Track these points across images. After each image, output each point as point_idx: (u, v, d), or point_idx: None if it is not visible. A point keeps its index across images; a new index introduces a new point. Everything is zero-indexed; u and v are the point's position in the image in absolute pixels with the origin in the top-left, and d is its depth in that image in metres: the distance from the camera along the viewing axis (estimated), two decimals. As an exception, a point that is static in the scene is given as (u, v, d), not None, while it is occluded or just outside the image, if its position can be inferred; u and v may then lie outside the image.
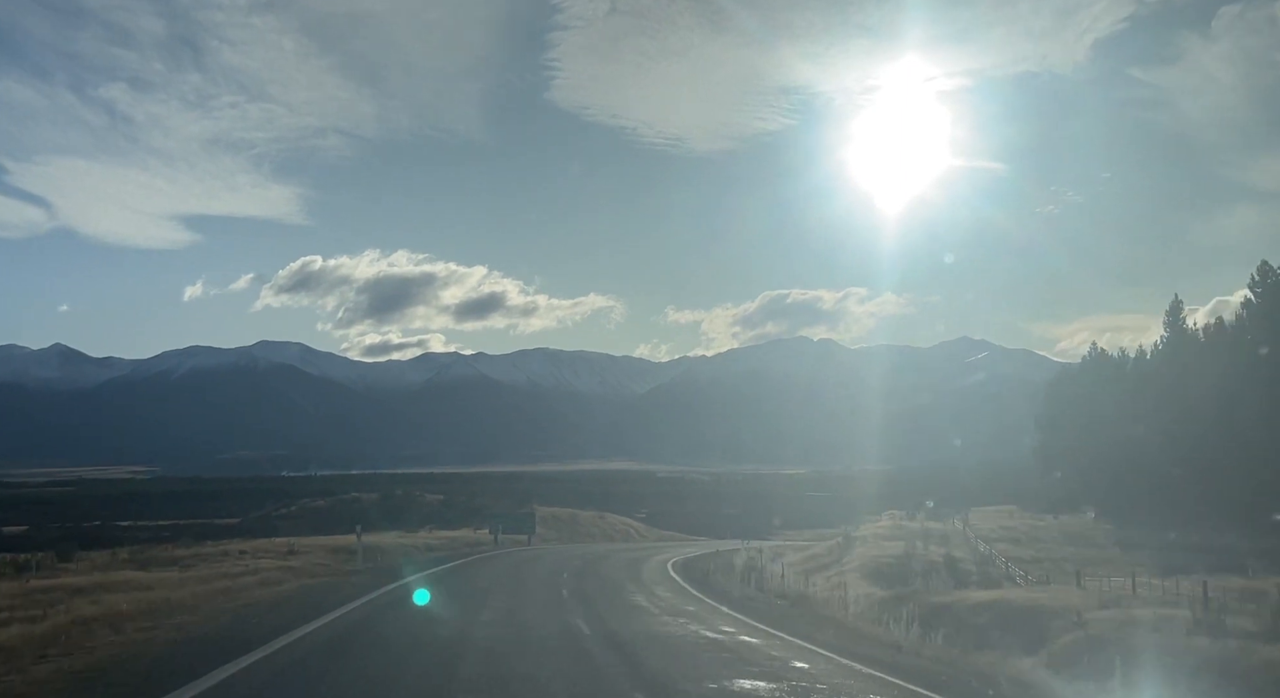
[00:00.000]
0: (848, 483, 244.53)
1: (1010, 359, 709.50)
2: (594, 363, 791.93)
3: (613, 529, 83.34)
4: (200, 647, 13.83)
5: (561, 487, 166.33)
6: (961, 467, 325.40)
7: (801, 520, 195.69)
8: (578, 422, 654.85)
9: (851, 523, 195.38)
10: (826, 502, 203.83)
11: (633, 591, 27.46)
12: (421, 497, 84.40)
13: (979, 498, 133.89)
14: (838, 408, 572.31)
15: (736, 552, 57.90)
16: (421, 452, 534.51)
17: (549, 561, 39.52)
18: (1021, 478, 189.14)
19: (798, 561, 45.36)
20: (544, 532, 65.17)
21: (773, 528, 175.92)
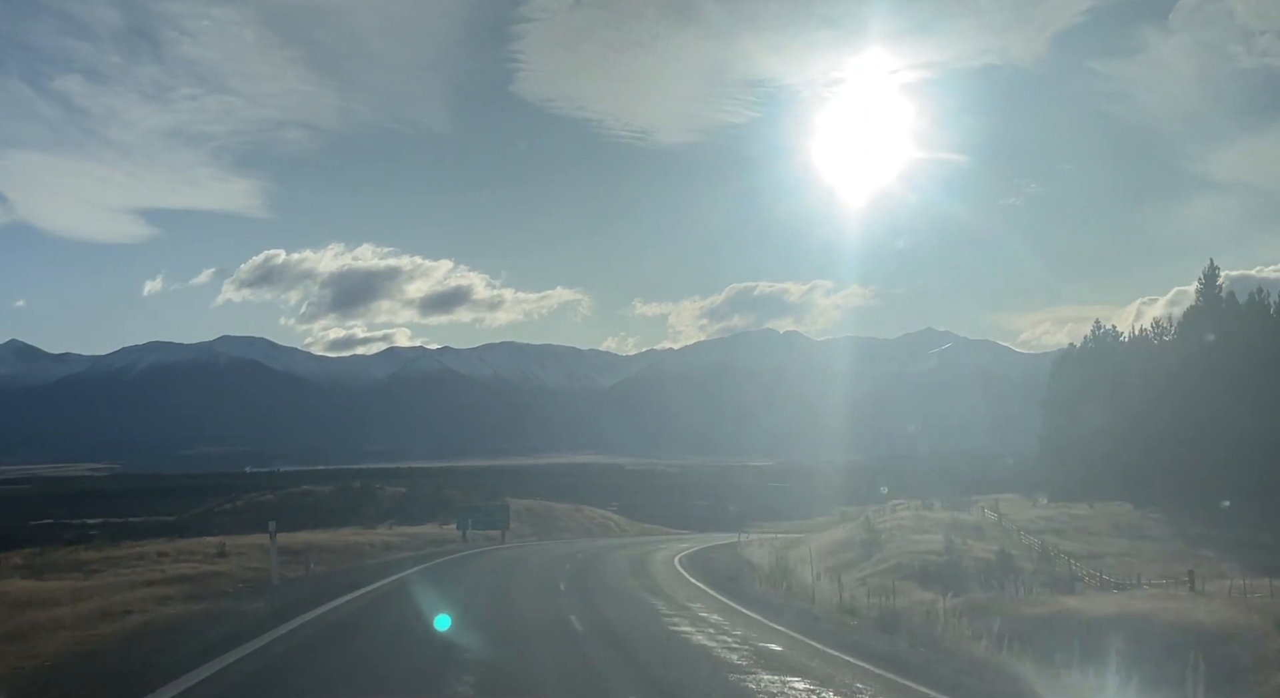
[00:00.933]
0: (819, 474, 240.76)
1: (973, 350, 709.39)
2: (561, 356, 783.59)
3: (591, 523, 76.45)
4: None
5: (530, 480, 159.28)
6: (936, 455, 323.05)
7: (775, 512, 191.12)
8: (545, 416, 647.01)
9: (826, 513, 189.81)
10: (795, 493, 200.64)
11: (665, 611, 20.37)
12: (381, 489, 76.02)
13: (973, 487, 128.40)
14: (803, 400, 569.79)
15: (738, 546, 51.27)
16: (388, 447, 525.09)
17: (534, 563, 32.47)
18: (1019, 466, 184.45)
19: (815, 557, 38.69)
20: (518, 527, 58.29)
21: (736, 518, 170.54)
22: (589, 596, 22.58)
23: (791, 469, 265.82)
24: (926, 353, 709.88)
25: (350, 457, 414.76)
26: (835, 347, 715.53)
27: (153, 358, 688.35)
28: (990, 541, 38.95)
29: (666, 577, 28.41)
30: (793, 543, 55.84)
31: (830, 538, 50.69)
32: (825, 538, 52.74)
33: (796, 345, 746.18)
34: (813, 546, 48.61)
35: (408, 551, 41.71)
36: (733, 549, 47.59)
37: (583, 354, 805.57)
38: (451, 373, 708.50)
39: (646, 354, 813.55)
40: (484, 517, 51.47)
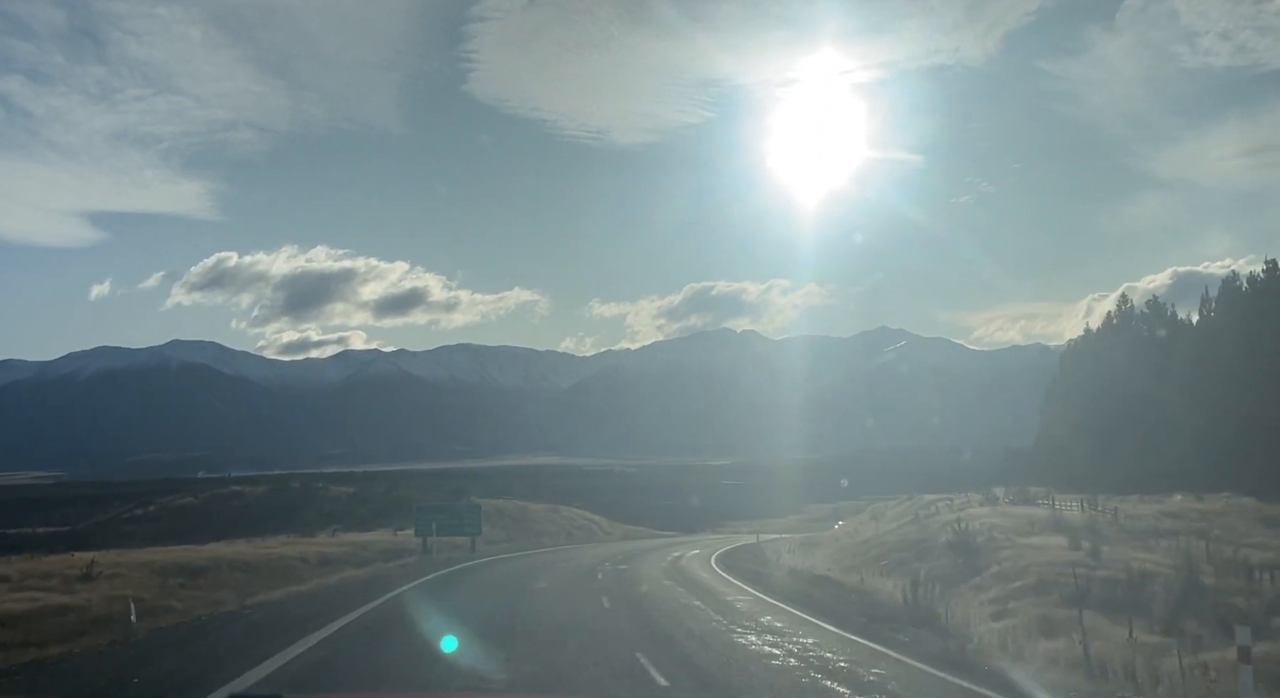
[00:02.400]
0: (779, 472, 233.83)
1: (928, 348, 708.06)
2: (518, 358, 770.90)
3: (571, 526, 67.10)
4: None
5: (490, 483, 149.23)
6: (895, 450, 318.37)
7: (742, 510, 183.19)
8: (502, 417, 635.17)
9: (798, 511, 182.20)
10: (758, 491, 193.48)
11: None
12: (325, 490, 64.26)
13: (947, 483, 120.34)
14: (761, 398, 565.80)
15: (767, 550, 42.39)
16: (343, 450, 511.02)
17: (537, 602, 21.81)
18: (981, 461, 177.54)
19: (886, 566, 29.77)
20: (490, 531, 48.80)
21: (708, 517, 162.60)
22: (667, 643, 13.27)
23: (751, 467, 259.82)
24: (882, 351, 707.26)
25: (306, 461, 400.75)
26: (792, 345, 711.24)
27: (100, 363, 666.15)
28: (1135, 546, 29.09)
29: (771, 619, 19.03)
30: (813, 544, 47.01)
31: (865, 538, 41.75)
32: (857, 538, 43.74)
33: (753, 344, 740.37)
34: (844, 546, 39.64)
35: (351, 566, 32.00)
36: (771, 556, 38.66)
37: (540, 355, 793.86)
38: (407, 376, 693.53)
39: (604, 355, 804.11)
40: (449, 520, 41.28)
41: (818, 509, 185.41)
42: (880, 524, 47.07)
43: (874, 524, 48.21)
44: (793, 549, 41.70)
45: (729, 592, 24.21)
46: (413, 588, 24.43)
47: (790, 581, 26.76)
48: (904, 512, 50.07)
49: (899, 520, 45.11)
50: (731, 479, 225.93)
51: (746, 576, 28.97)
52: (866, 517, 60.59)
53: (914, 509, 48.45)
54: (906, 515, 46.12)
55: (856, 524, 59.45)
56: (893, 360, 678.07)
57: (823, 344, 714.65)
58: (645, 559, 38.22)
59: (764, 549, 43.18)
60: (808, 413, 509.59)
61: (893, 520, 46.95)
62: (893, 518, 49.06)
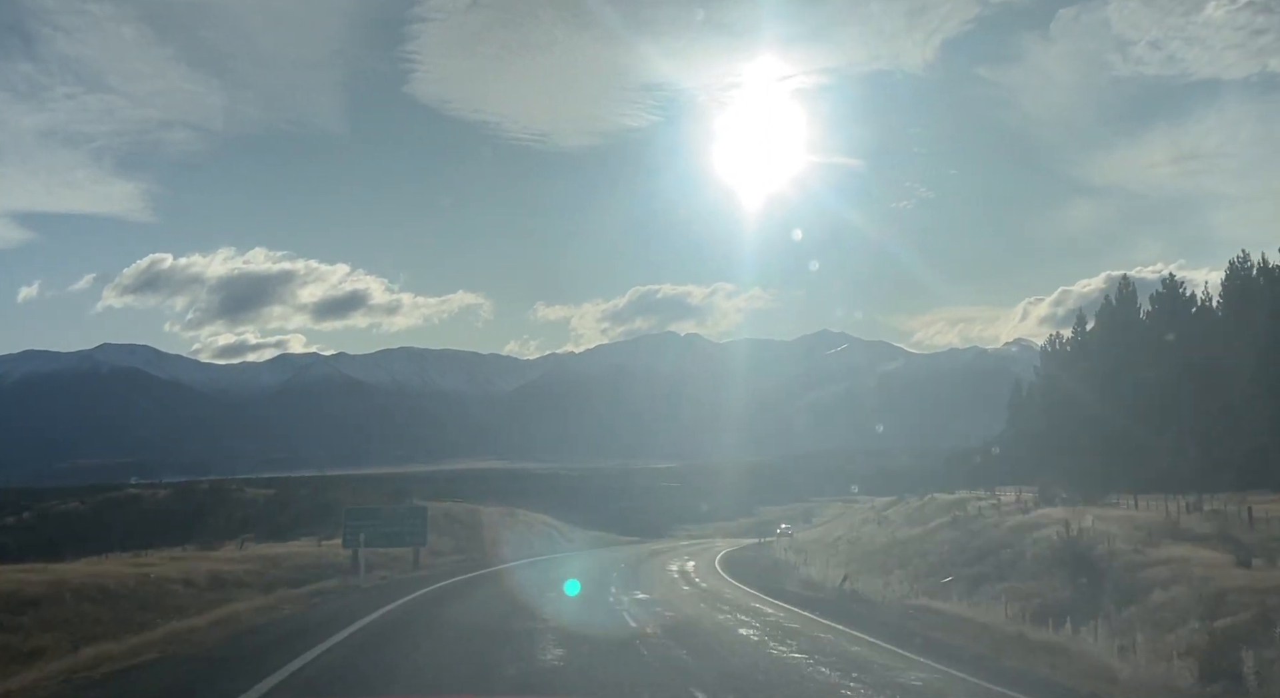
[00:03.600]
0: (725, 473, 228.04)
1: (868, 351, 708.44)
2: (460, 361, 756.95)
3: (531, 531, 59.07)
4: None
5: (435, 486, 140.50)
6: (836, 453, 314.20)
7: (694, 514, 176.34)
8: (444, 421, 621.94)
9: (751, 513, 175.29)
10: (710, 493, 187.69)
11: None
12: (239, 492, 54.48)
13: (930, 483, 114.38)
14: (705, 401, 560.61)
15: (787, 559, 34.73)
16: (282, 455, 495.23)
17: None
18: (923, 462, 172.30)
19: (961, 585, 22.48)
20: (438, 541, 40.73)
21: (662, 522, 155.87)
22: None
23: (696, 470, 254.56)
24: (823, 354, 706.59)
25: (244, 466, 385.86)
26: (735, 349, 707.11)
27: (28, 367, 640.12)
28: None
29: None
30: (815, 549, 39.67)
31: (883, 543, 34.42)
32: (873, 544, 36.33)
33: (697, 348, 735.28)
34: (863, 551, 32.17)
35: (253, 592, 23.69)
36: (787, 565, 30.96)
37: (483, 358, 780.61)
38: (347, 379, 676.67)
39: (548, 358, 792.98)
40: (386, 527, 32.50)
41: (771, 511, 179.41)
42: (898, 528, 39.76)
43: (885, 528, 40.98)
44: (807, 558, 34.12)
45: (820, 632, 16.44)
46: (327, 652, 14.14)
47: (870, 610, 19.07)
48: (922, 512, 42.73)
49: (925, 523, 37.71)
50: (672, 482, 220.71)
51: (801, 601, 21.18)
52: (866, 518, 53.37)
53: (934, 510, 41.19)
54: (931, 517, 38.77)
55: (851, 526, 52.20)
56: (834, 364, 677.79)
57: (765, 347, 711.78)
58: (650, 577, 30.43)
59: (772, 557, 35.50)
60: (751, 415, 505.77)
61: (914, 523, 39.57)
62: (908, 519, 41.70)
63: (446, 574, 30.25)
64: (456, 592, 25.05)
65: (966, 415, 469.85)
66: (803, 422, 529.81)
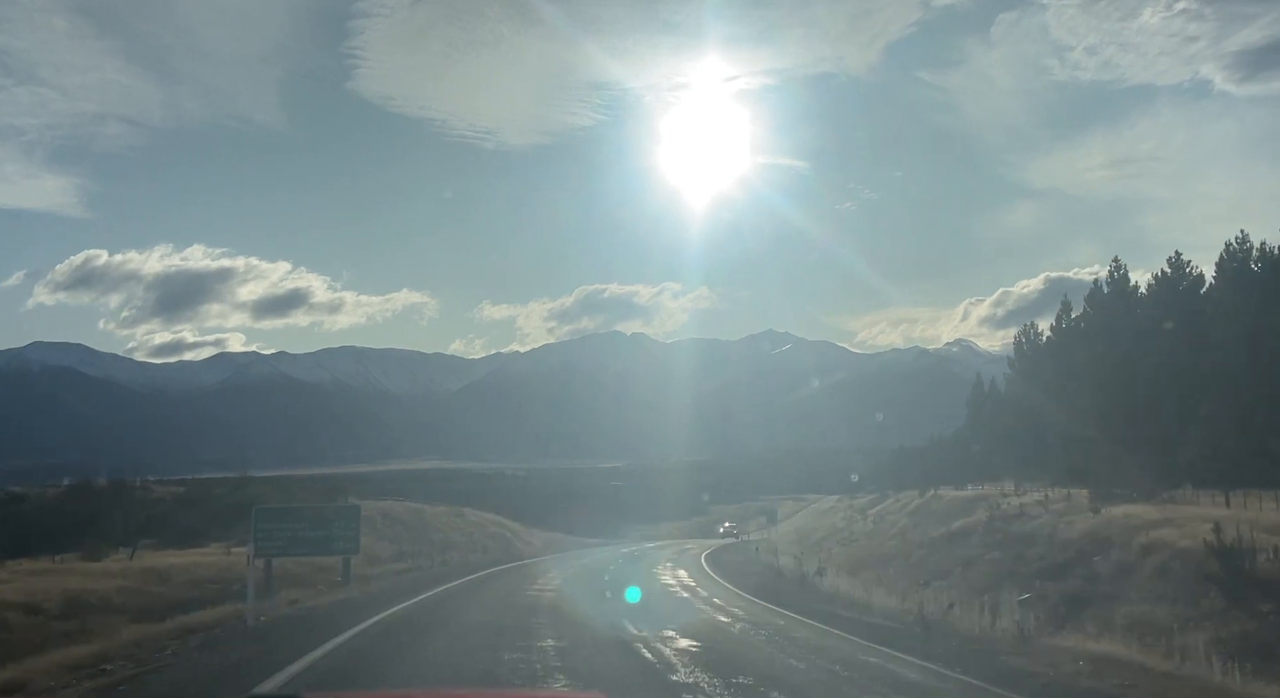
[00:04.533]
0: (671, 473, 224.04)
1: (811, 351, 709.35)
2: (404, 361, 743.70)
3: (483, 533, 52.89)
4: None
5: (377, 486, 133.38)
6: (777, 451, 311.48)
7: (646, 513, 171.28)
8: (387, 421, 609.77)
9: (703, 513, 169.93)
10: (657, 492, 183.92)
11: None
12: (143, 492, 46.04)
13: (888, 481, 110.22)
14: (650, 400, 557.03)
15: (797, 568, 28.91)
16: (220, 456, 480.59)
17: None
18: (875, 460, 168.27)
19: (1061, 605, 17.12)
20: (376, 545, 34.80)
21: (603, 522, 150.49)
22: None
23: (642, 469, 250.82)
24: (768, 354, 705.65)
25: (182, 467, 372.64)
26: (681, 349, 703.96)
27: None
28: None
29: None
30: (819, 546, 34.24)
31: (891, 549, 29.02)
32: (881, 547, 30.85)
33: (643, 347, 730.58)
34: (878, 554, 26.71)
35: (122, 621, 17.54)
36: (803, 575, 25.22)
37: (427, 358, 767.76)
38: (288, 379, 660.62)
39: (493, 357, 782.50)
40: (309, 530, 26.29)
41: (721, 510, 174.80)
42: (906, 529, 34.39)
43: (884, 528, 35.63)
44: (807, 565, 28.36)
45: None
46: None
47: (1010, 657, 13.32)
48: (930, 510, 37.41)
49: (945, 523, 32.36)
50: (619, 481, 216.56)
51: (888, 638, 15.28)
52: (850, 517, 48.01)
53: (949, 508, 35.88)
54: (950, 516, 33.45)
55: (834, 526, 46.82)
56: (778, 364, 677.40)
57: (711, 347, 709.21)
58: (655, 598, 24.49)
59: (764, 561, 29.83)
60: (697, 415, 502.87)
61: (925, 523, 34.20)
62: (915, 518, 36.33)
63: (385, 596, 22.88)
64: (400, 636, 14.78)
65: (910, 415, 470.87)
66: (748, 421, 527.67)
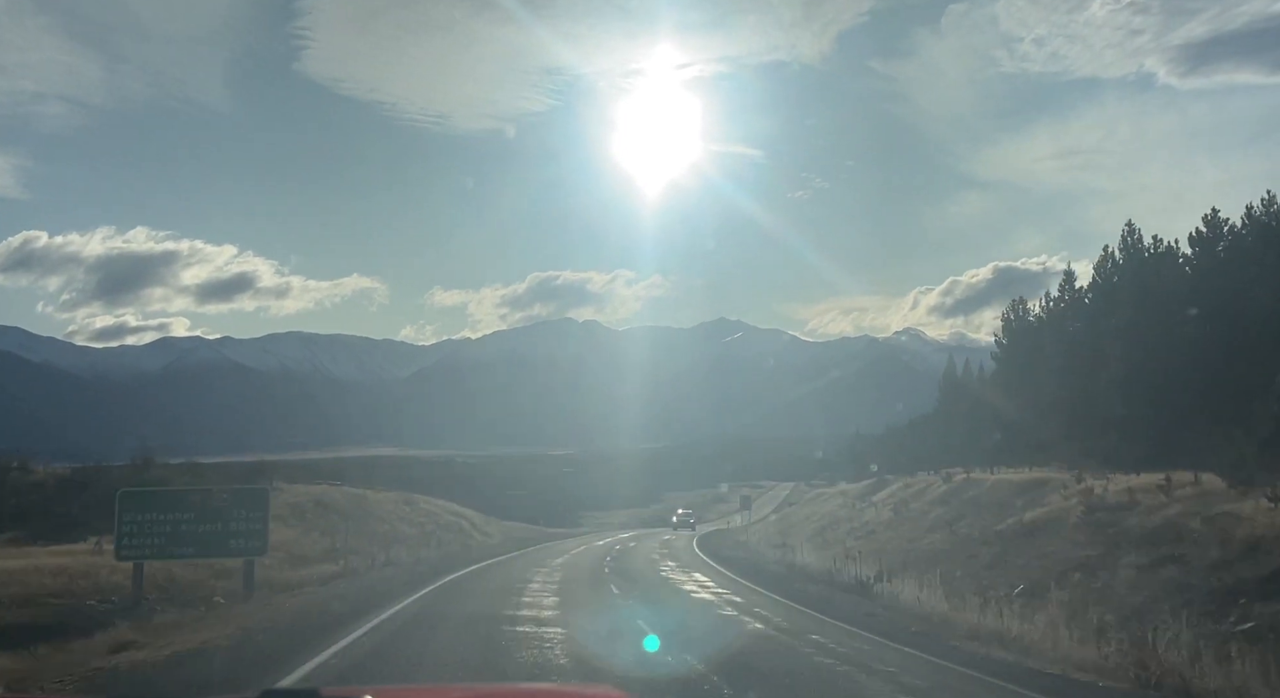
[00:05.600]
0: (624, 460, 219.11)
1: (763, 339, 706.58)
2: (352, 347, 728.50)
3: (435, 524, 45.44)
4: None
5: (319, 473, 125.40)
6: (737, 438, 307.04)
7: (608, 500, 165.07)
8: (334, 408, 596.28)
9: (658, 500, 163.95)
10: (611, 480, 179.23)
11: None
12: (23, 474, 38.21)
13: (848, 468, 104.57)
14: (602, 388, 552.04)
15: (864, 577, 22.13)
16: (161, 443, 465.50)
17: None
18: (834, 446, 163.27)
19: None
20: (303, 540, 27.63)
21: (566, 510, 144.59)
22: None
23: (595, 456, 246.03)
24: (719, 341, 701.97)
25: (123, 454, 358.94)
26: (634, 336, 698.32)
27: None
28: None
29: None
30: (837, 541, 27.63)
31: (955, 539, 22.60)
32: (913, 544, 24.35)
33: (596, 335, 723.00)
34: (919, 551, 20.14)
35: None
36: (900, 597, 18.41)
37: (376, 344, 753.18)
38: (232, 364, 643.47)
39: (444, 344, 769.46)
40: (195, 523, 20.11)
41: (676, 498, 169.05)
42: (955, 523, 27.86)
43: (908, 519, 29.17)
44: (880, 569, 21.59)
45: None
46: None
47: None
48: (965, 497, 30.91)
49: (1008, 513, 25.86)
50: (571, 468, 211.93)
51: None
52: (855, 505, 41.48)
53: (996, 495, 29.42)
54: (1003, 507, 27.00)
55: (834, 516, 40.31)
56: (730, 351, 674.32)
57: (663, 335, 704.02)
58: (687, 614, 17.65)
59: (793, 561, 23.08)
60: (650, 402, 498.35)
61: (987, 513, 27.67)
62: (952, 506, 29.83)
63: (286, 635, 14.36)
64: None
65: (861, 402, 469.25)
66: (700, 409, 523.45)
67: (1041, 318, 75.17)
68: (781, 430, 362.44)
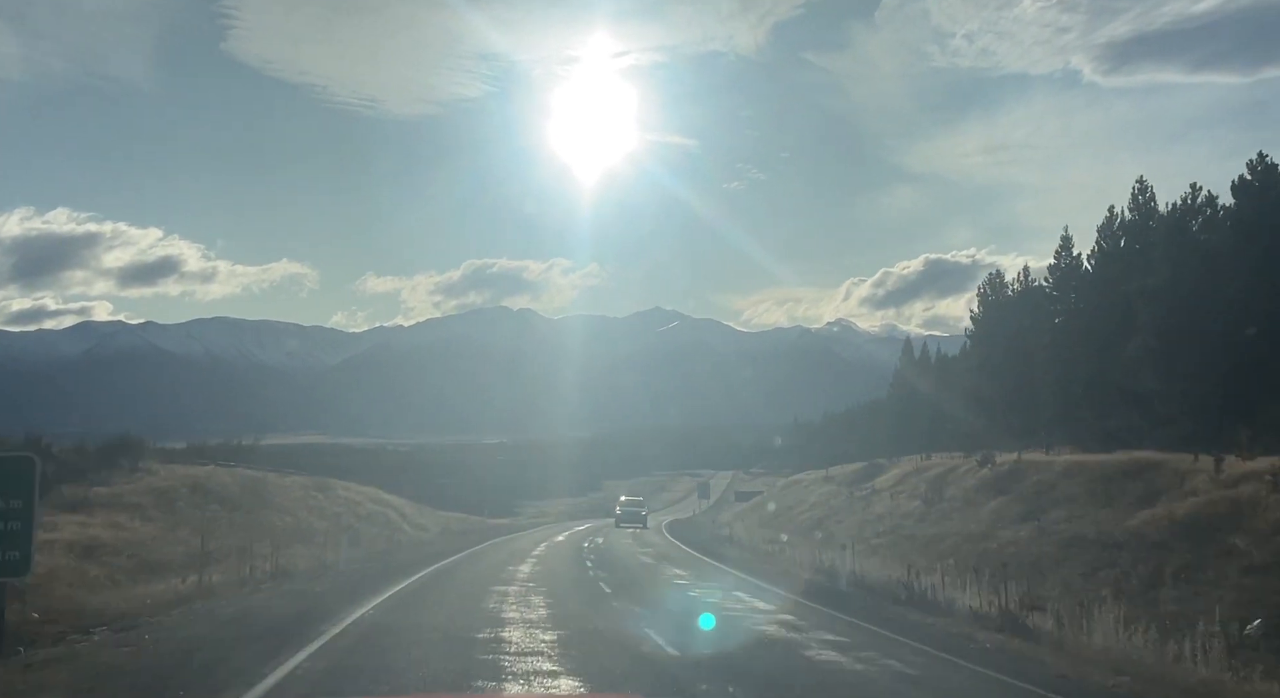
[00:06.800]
0: (559, 449, 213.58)
1: (698, 329, 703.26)
2: (280, 332, 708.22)
3: (356, 515, 37.28)
4: None
5: (212, 456, 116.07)
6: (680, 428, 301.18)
7: (544, 489, 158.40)
8: (261, 395, 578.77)
9: (596, 489, 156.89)
10: (544, 468, 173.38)
11: None
12: None
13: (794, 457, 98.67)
14: (538, 377, 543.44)
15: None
16: (80, 430, 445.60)
17: None
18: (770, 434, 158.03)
19: None
20: (158, 539, 19.56)
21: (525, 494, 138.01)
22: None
23: (529, 445, 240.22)
24: (654, 331, 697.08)
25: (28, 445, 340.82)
26: (569, 324, 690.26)
27: None
28: None
29: None
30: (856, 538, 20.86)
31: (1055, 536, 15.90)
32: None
33: (531, 323, 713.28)
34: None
35: None
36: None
37: (305, 330, 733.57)
38: (156, 350, 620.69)
39: (376, 331, 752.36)
40: None
41: (615, 485, 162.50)
42: (1050, 523, 21.13)
43: (945, 511, 22.51)
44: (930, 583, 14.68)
45: None
46: None
47: None
48: (1020, 485, 24.21)
49: (1096, 506, 19.12)
50: (505, 456, 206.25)
51: None
52: (852, 496, 34.73)
53: (1072, 482, 22.77)
54: (1079, 497, 20.37)
55: (829, 506, 33.54)
56: (665, 341, 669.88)
57: (599, 324, 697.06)
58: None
59: (824, 564, 16.05)
60: (585, 391, 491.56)
61: (1040, 509, 20.97)
62: (1041, 499, 23.10)
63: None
64: None
65: (795, 391, 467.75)
66: (637, 398, 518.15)
67: (1030, 290, 69.30)
68: (718, 420, 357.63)
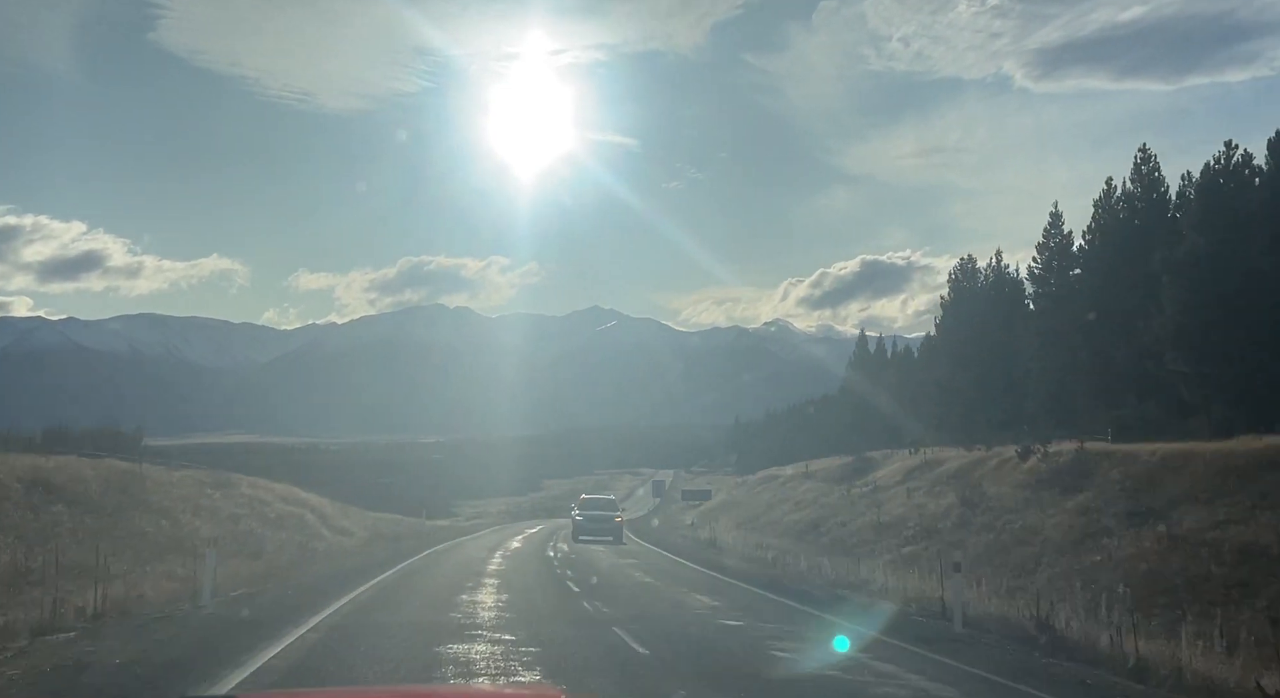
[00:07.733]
0: (496, 448, 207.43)
1: (637, 328, 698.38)
2: (208, 329, 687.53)
3: (261, 518, 30.18)
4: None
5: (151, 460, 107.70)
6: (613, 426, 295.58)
7: (481, 488, 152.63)
8: (190, 394, 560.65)
9: (535, 488, 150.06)
10: (483, 467, 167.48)
11: None
12: None
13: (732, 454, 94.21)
14: (475, 376, 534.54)
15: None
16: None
17: None
18: (718, 434, 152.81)
19: None
20: None
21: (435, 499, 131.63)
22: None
23: (466, 444, 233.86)
24: (592, 330, 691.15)
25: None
26: (507, 323, 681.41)
27: None
28: None
29: None
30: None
31: None
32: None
33: (468, 321, 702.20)
34: None
35: None
36: None
37: (234, 327, 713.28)
38: (77, 347, 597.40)
39: (308, 329, 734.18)
40: None
41: (554, 485, 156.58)
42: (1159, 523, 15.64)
43: (1054, 524, 17.02)
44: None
45: None
46: None
47: None
48: (1109, 479, 18.78)
49: None
50: (440, 455, 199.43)
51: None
52: (876, 495, 29.14)
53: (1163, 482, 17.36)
54: (1181, 495, 14.95)
55: (824, 504, 28.04)
56: (602, 340, 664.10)
57: (537, 322, 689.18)
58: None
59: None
60: (523, 390, 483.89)
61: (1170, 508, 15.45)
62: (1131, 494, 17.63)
63: None
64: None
65: (733, 391, 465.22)
66: (575, 397, 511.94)
67: (1004, 276, 64.77)
68: (657, 418, 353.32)
